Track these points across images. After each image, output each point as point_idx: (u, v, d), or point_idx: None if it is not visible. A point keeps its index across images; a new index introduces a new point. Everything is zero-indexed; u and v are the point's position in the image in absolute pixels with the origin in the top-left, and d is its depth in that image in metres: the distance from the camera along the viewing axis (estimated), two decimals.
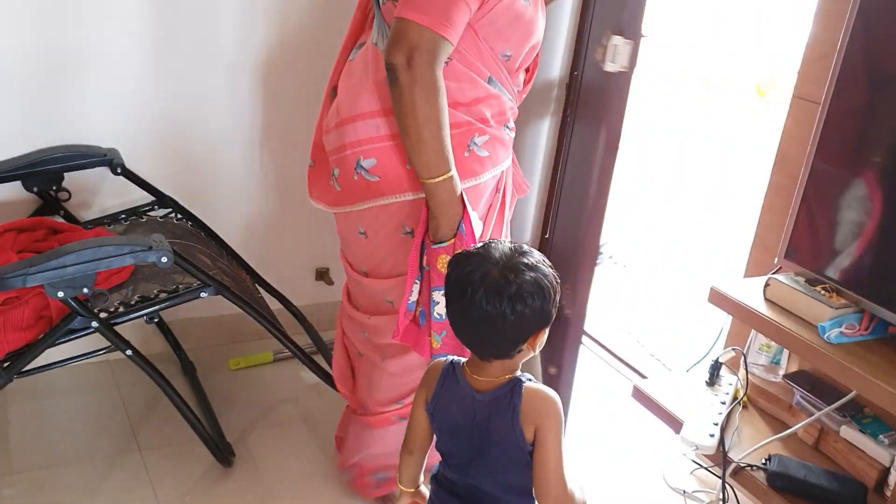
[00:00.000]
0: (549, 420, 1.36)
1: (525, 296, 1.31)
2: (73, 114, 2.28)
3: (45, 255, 1.73)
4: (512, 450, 1.38)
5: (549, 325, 1.38)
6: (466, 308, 1.33)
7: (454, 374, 1.43)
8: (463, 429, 1.41)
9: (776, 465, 1.72)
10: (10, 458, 2.10)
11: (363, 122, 1.72)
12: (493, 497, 1.43)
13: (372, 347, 1.95)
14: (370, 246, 1.83)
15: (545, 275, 1.34)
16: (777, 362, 2.00)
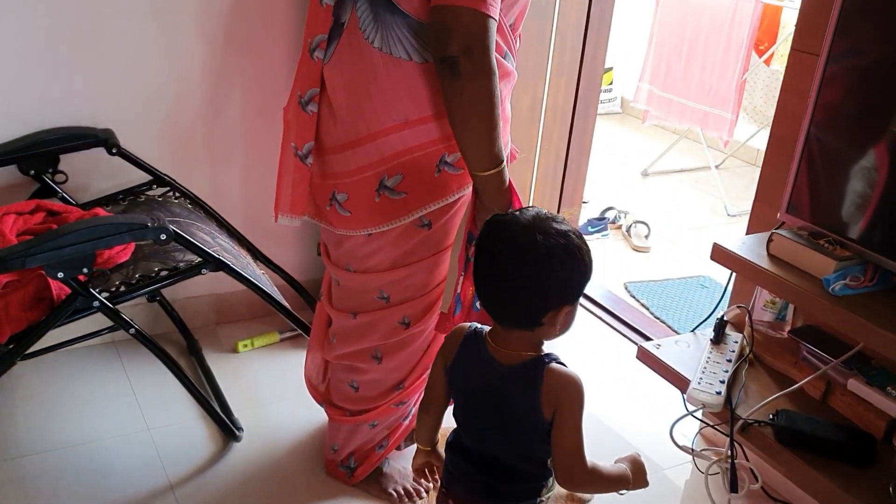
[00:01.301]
0: (569, 403, 1.33)
1: (552, 260, 1.27)
2: (67, 95, 2.26)
3: (43, 236, 1.72)
4: (528, 424, 1.35)
5: (573, 304, 1.33)
6: (490, 265, 1.31)
7: (475, 342, 1.40)
8: (480, 397, 1.39)
9: (784, 420, 1.71)
10: (18, 441, 2.10)
11: (385, 139, 1.61)
12: (508, 466, 1.41)
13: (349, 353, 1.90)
14: (374, 243, 1.73)
15: (577, 246, 1.30)
16: (782, 318, 1.99)
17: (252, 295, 2.10)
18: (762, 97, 4.33)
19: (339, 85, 1.62)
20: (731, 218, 4.09)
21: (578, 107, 2.95)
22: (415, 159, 1.62)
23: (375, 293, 1.79)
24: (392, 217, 1.66)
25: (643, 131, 5.35)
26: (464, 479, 1.44)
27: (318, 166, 1.72)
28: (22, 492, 1.94)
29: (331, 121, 1.66)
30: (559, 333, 1.35)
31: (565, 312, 1.32)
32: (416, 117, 1.59)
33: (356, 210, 1.68)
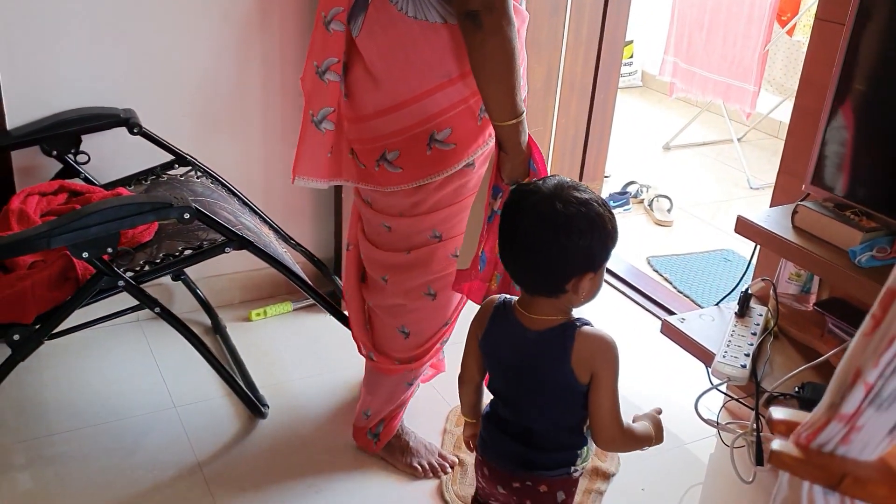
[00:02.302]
0: (605, 364, 1.34)
1: (571, 229, 1.28)
2: (89, 76, 2.27)
3: (67, 216, 1.73)
4: (562, 389, 1.36)
5: (596, 272, 1.33)
6: (512, 234, 1.33)
7: (505, 312, 1.41)
8: (513, 366, 1.40)
9: (810, 393, 1.70)
10: (48, 420, 2.13)
11: (431, 99, 1.68)
12: (544, 434, 1.42)
13: (402, 292, 1.93)
14: (423, 191, 1.79)
15: (598, 214, 1.30)
16: (807, 291, 1.97)
17: (275, 272, 2.11)
18: (782, 68, 4.27)
19: (375, 55, 1.67)
20: (753, 191, 4.05)
21: (599, 79, 2.93)
22: (459, 113, 1.70)
23: (428, 233, 1.85)
24: (443, 167, 1.74)
25: (664, 105, 5.30)
26: (498, 448, 1.45)
27: (362, 132, 1.76)
28: (52, 469, 1.97)
29: (371, 88, 1.70)
30: (584, 301, 1.35)
31: (588, 279, 1.33)
32: (458, 74, 1.67)
33: (407, 165, 1.75)
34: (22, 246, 1.69)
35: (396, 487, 2.00)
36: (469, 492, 1.98)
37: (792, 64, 4.18)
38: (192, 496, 1.93)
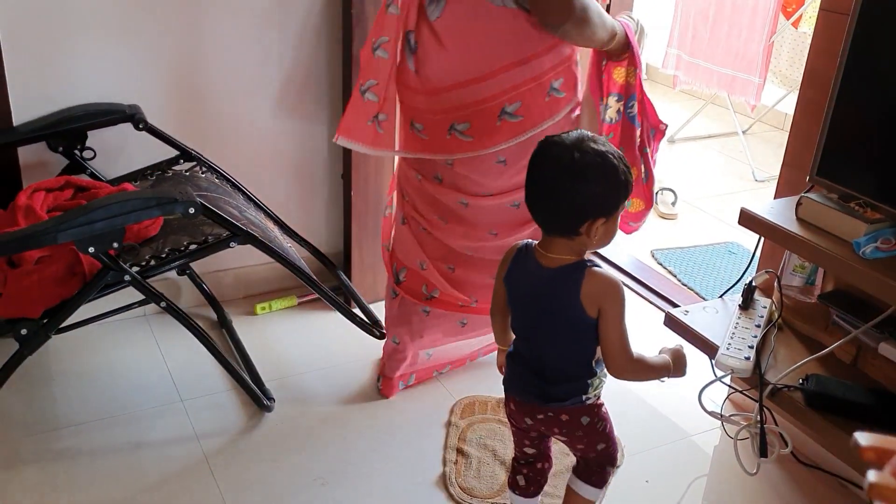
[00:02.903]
0: (610, 300, 1.46)
1: (587, 176, 1.41)
2: (93, 72, 2.28)
3: (73, 211, 1.74)
4: (572, 321, 1.49)
5: (608, 218, 1.45)
6: (535, 179, 1.47)
7: (526, 253, 1.55)
8: (531, 301, 1.54)
9: (814, 385, 1.71)
10: (56, 414, 2.15)
11: (505, 75, 1.88)
12: (556, 368, 1.55)
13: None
14: (512, 168, 2.00)
15: (612, 165, 1.43)
16: (811, 283, 1.97)
17: (280, 267, 2.12)
18: (788, 60, 4.25)
19: (455, 34, 1.87)
20: (758, 183, 4.04)
21: None
22: (530, 89, 1.91)
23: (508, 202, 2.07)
24: (511, 136, 1.94)
25: (669, 97, 5.29)
26: (519, 384, 1.60)
27: (435, 103, 1.94)
28: (60, 463, 1.99)
29: (448, 63, 1.89)
30: (597, 244, 1.49)
31: (600, 224, 1.45)
32: (531, 54, 1.88)
33: (478, 134, 1.94)
34: (29, 241, 1.70)
35: (401, 480, 2.01)
36: (473, 484, 1.99)
37: (797, 56, 4.16)
38: (198, 489, 1.94)
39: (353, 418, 2.21)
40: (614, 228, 1.49)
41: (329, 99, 2.60)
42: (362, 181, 2.56)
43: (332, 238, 2.79)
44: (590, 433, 1.61)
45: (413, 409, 2.26)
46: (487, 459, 2.07)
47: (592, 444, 1.63)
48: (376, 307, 2.61)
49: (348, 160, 2.54)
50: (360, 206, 2.59)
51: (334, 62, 2.54)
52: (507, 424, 2.17)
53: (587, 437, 1.61)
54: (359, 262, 2.66)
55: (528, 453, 1.72)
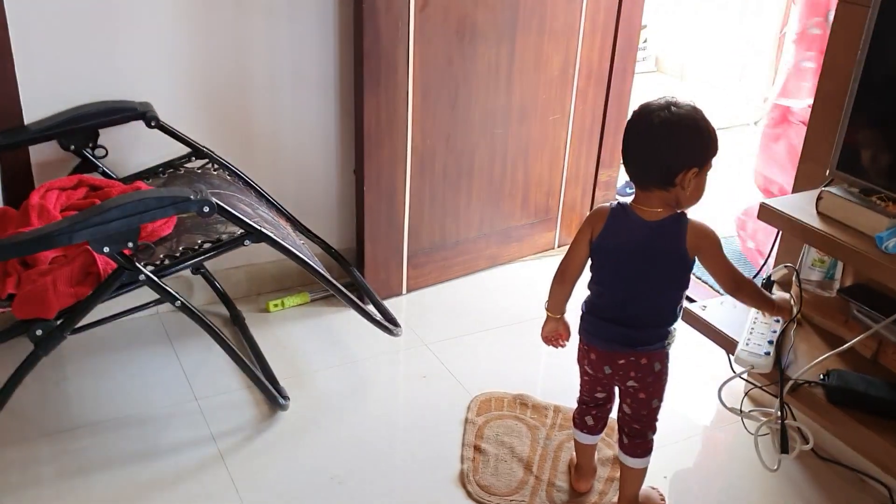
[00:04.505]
0: (710, 243, 1.64)
1: (681, 127, 1.56)
2: (105, 69, 2.27)
3: (87, 211, 1.73)
4: (675, 262, 1.65)
5: (700, 169, 1.59)
6: (633, 139, 1.63)
7: (623, 211, 1.68)
8: (632, 250, 1.67)
9: (836, 380, 1.69)
10: (70, 413, 2.14)
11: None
12: (646, 314, 1.70)
13: None
14: None
15: (701, 119, 1.58)
16: (831, 277, 1.96)
17: (292, 263, 2.11)
18: None
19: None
20: None
21: (616, 66, 2.90)
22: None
23: None
24: None
25: (677, 90, 5.26)
26: (601, 334, 1.74)
27: None
28: (75, 463, 1.98)
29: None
30: (690, 198, 1.61)
31: (692, 174, 1.58)
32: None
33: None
34: (44, 241, 1.69)
35: (419, 478, 2.00)
36: (491, 481, 1.98)
37: None
38: (215, 489, 1.93)
39: (369, 416, 2.20)
40: (703, 183, 1.61)
41: (340, 94, 2.58)
42: (375, 176, 2.54)
43: (345, 234, 2.77)
44: (657, 382, 1.76)
45: (429, 406, 2.25)
46: (505, 456, 2.06)
47: (652, 395, 1.78)
48: (390, 304, 2.61)
49: (360, 155, 2.52)
50: (373, 201, 2.57)
51: (345, 58, 2.53)
52: (524, 421, 2.17)
53: (654, 386, 1.76)
54: (372, 259, 2.65)
55: (599, 397, 1.87)
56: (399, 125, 2.52)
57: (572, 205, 3.06)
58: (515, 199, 2.89)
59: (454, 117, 2.62)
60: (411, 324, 2.58)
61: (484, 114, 2.68)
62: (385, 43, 2.39)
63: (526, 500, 1.94)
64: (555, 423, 2.17)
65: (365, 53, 2.37)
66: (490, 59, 2.61)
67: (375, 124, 2.47)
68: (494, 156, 2.77)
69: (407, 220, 2.66)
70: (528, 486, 1.98)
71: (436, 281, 2.82)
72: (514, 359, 2.48)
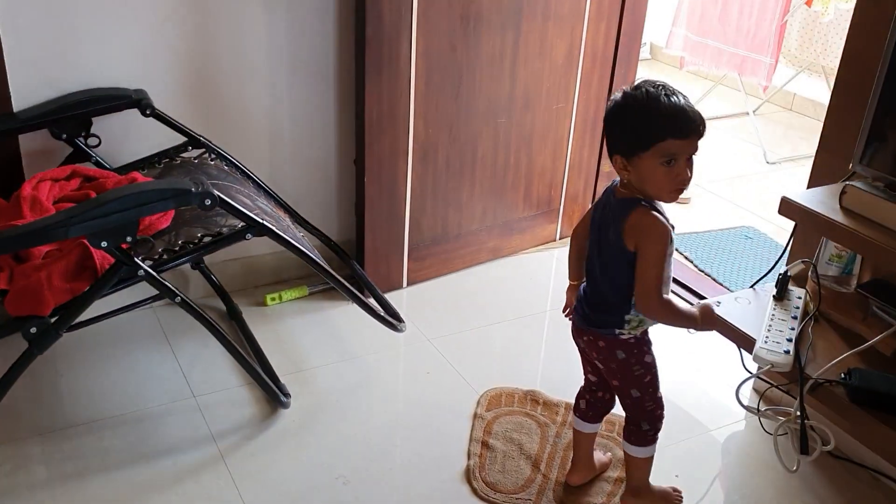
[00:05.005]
0: (647, 241, 1.56)
1: (610, 113, 1.57)
2: (97, 55, 2.19)
3: (85, 204, 1.66)
4: (614, 250, 1.61)
5: (623, 157, 1.55)
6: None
7: (610, 188, 1.66)
8: (597, 226, 1.66)
9: (858, 380, 1.65)
10: (64, 411, 2.07)
11: None
12: (600, 295, 1.68)
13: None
14: None
15: (627, 111, 1.54)
16: (849, 272, 1.91)
17: (288, 256, 2.04)
18: (798, 40, 4.18)
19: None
20: (770, 165, 3.98)
21: (620, 53, 2.85)
22: None
23: None
24: None
25: (674, 78, 5.21)
26: (577, 307, 1.75)
27: None
28: (70, 463, 1.92)
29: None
30: (641, 183, 1.56)
31: (620, 161, 1.56)
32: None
33: None
34: (39, 235, 1.62)
35: (425, 477, 1.95)
36: (497, 478, 1.94)
37: (808, 35, 4.09)
38: (216, 489, 1.88)
39: (373, 413, 2.14)
40: (654, 173, 1.53)
41: (339, 83, 2.51)
42: (375, 166, 2.48)
43: (344, 226, 2.71)
44: (624, 371, 1.71)
45: (433, 402, 2.19)
46: (513, 453, 2.01)
47: (626, 385, 1.73)
48: (391, 297, 2.55)
49: (361, 145, 2.46)
50: (374, 192, 2.51)
51: (345, 45, 2.46)
52: (534, 418, 2.14)
53: (621, 374, 1.72)
54: (372, 252, 2.59)
55: (592, 381, 1.86)
56: (401, 114, 2.45)
57: (574, 196, 3.00)
58: (518, 190, 2.84)
59: (457, 106, 2.55)
60: (413, 318, 2.52)
61: (487, 102, 2.61)
62: (387, 29, 2.32)
63: (532, 499, 1.89)
64: (565, 421, 2.13)
65: (367, 40, 2.30)
66: (494, 45, 2.54)
67: (377, 113, 2.41)
68: (497, 146, 2.71)
69: (408, 211, 2.60)
70: (536, 485, 1.94)
71: (437, 274, 2.77)
72: (519, 354, 2.43)
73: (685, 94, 1.54)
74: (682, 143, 1.51)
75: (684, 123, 1.50)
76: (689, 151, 1.53)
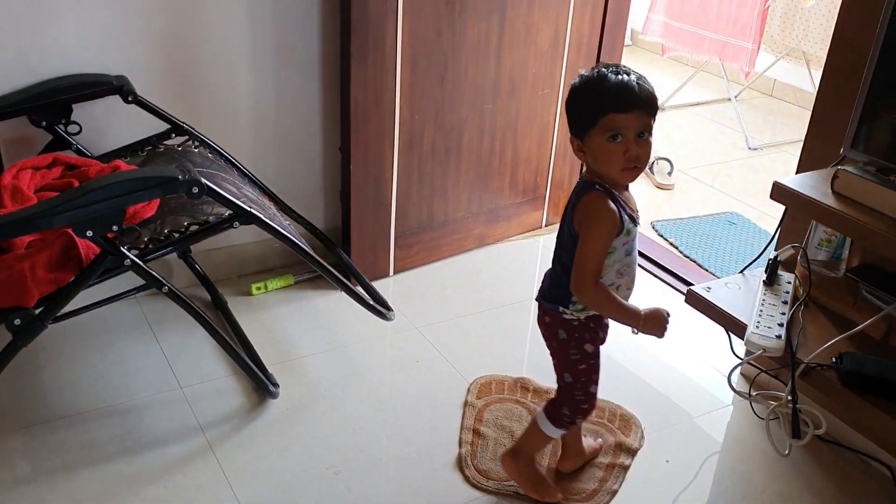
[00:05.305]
0: (589, 222, 1.56)
1: (568, 94, 1.58)
2: (77, 40, 2.14)
3: (69, 193, 1.62)
4: (566, 231, 1.63)
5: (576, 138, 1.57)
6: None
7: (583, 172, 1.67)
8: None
9: (850, 364, 1.65)
10: (49, 404, 2.04)
11: None
12: (554, 270, 1.69)
13: None
14: None
15: (573, 94, 1.57)
16: (838, 257, 1.92)
17: (273, 244, 2.01)
18: (780, 25, 4.18)
19: None
20: (752, 151, 3.99)
21: (605, 39, 2.84)
22: None
23: None
24: None
25: (655, 64, 5.22)
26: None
27: None
28: (57, 456, 1.89)
29: None
30: (595, 163, 1.57)
31: (575, 144, 1.59)
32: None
33: None
34: (22, 225, 1.58)
35: (417, 465, 1.94)
36: (489, 465, 1.93)
37: (790, 20, 4.09)
38: (205, 481, 1.85)
39: (363, 403, 2.13)
40: (605, 151, 1.53)
41: (324, 69, 2.48)
42: (361, 153, 2.45)
43: (330, 214, 2.68)
44: (562, 352, 1.72)
45: (424, 391, 2.18)
46: (504, 440, 2.00)
47: (561, 366, 1.74)
48: (377, 285, 2.53)
49: (346, 132, 2.43)
50: (360, 179, 2.48)
51: (330, 30, 2.43)
52: (525, 405, 2.13)
53: (559, 354, 1.73)
54: (358, 240, 2.56)
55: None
56: (386, 100, 2.43)
57: (560, 183, 2.99)
58: (504, 177, 2.82)
59: (443, 92, 2.53)
60: (400, 306, 2.50)
61: (473, 88, 2.59)
62: (373, 14, 2.29)
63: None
64: None
65: (352, 25, 2.27)
66: (480, 31, 2.52)
67: (362, 99, 2.38)
68: (483, 132, 2.69)
69: (394, 198, 2.58)
70: None
71: (423, 262, 2.75)
72: (508, 341, 2.42)
73: (642, 76, 1.54)
74: (625, 117, 1.50)
75: (627, 97, 1.50)
76: (637, 127, 1.51)
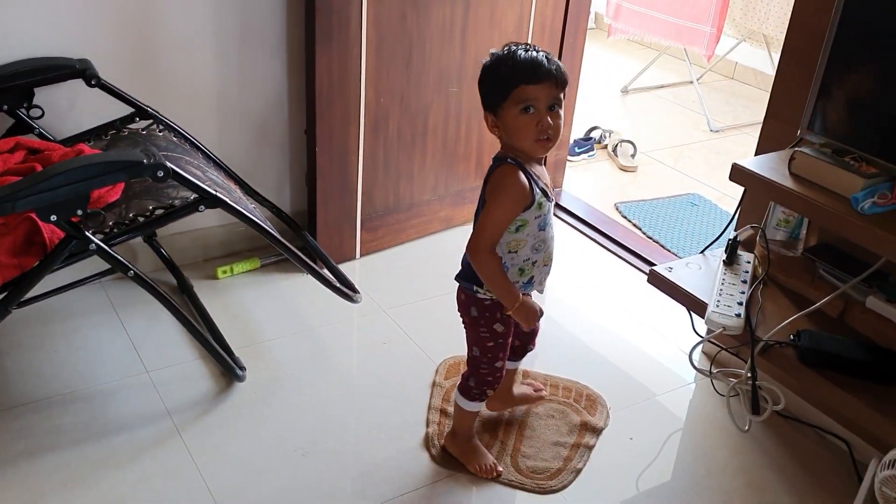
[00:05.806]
0: (495, 192, 1.61)
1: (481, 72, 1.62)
2: (38, 23, 2.11)
3: (32, 177, 1.61)
4: (479, 206, 1.66)
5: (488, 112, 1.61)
6: None
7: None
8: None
9: (807, 341, 1.70)
10: (11, 391, 2.02)
11: None
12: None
13: None
14: None
15: (484, 70, 1.60)
16: (796, 237, 1.96)
17: (239, 228, 2.01)
18: (742, 8, 4.23)
19: None
20: (714, 133, 4.05)
21: (568, 23, 2.85)
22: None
23: None
24: None
25: (617, 47, 5.25)
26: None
27: None
28: (20, 442, 1.88)
29: None
30: (510, 137, 1.60)
31: (489, 119, 1.62)
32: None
33: None
34: None
35: (384, 445, 1.95)
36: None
37: (751, 3, 4.14)
38: (173, 465, 1.86)
39: (330, 385, 2.14)
40: (516, 123, 1.57)
41: (289, 51, 2.47)
42: (327, 137, 2.45)
43: (296, 197, 2.68)
44: (473, 328, 1.79)
45: (391, 372, 2.20)
46: None
47: (470, 340, 1.81)
48: (343, 268, 2.54)
49: (312, 115, 2.42)
50: (325, 162, 2.48)
51: (295, 12, 2.42)
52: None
53: (469, 330, 1.80)
54: (324, 223, 2.57)
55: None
56: (352, 83, 2.43)
57: None
58: (469, 160, 2.84)
59: (408, 75, 2.54)
60: (367, 289, 2.52)
61: (438, 72, 2.60)
62: None
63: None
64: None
65: (317, 7, 2.26)
66: (444, 14, 2.53)
67: (327, 82, 2.38)
68: (448, 115, 2.70)
69: (360, 181, 2.58)
70: (493, 451, 1.96)
71: (389, 244, 2.76)
72: None
73: (550, 53, 1.61)
74: (535, 88, 1.55)
75: (537, 69, 1.55)
76: (547, 99, 1.57)
